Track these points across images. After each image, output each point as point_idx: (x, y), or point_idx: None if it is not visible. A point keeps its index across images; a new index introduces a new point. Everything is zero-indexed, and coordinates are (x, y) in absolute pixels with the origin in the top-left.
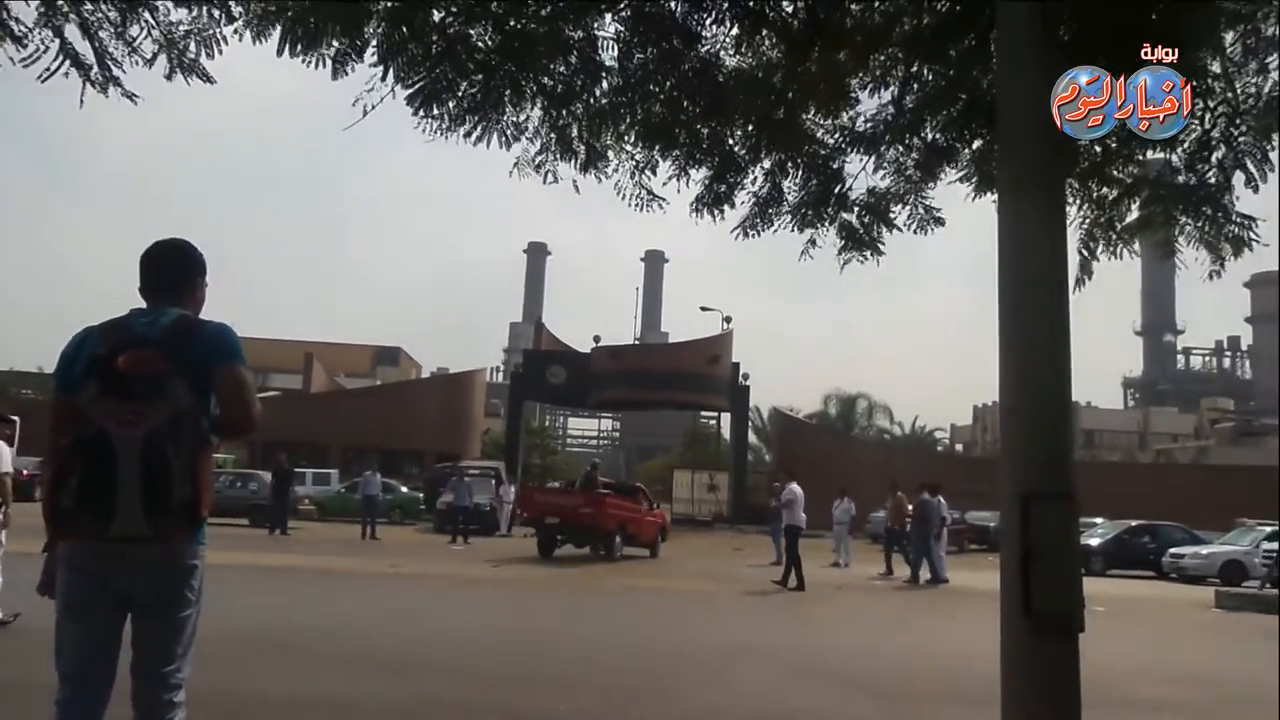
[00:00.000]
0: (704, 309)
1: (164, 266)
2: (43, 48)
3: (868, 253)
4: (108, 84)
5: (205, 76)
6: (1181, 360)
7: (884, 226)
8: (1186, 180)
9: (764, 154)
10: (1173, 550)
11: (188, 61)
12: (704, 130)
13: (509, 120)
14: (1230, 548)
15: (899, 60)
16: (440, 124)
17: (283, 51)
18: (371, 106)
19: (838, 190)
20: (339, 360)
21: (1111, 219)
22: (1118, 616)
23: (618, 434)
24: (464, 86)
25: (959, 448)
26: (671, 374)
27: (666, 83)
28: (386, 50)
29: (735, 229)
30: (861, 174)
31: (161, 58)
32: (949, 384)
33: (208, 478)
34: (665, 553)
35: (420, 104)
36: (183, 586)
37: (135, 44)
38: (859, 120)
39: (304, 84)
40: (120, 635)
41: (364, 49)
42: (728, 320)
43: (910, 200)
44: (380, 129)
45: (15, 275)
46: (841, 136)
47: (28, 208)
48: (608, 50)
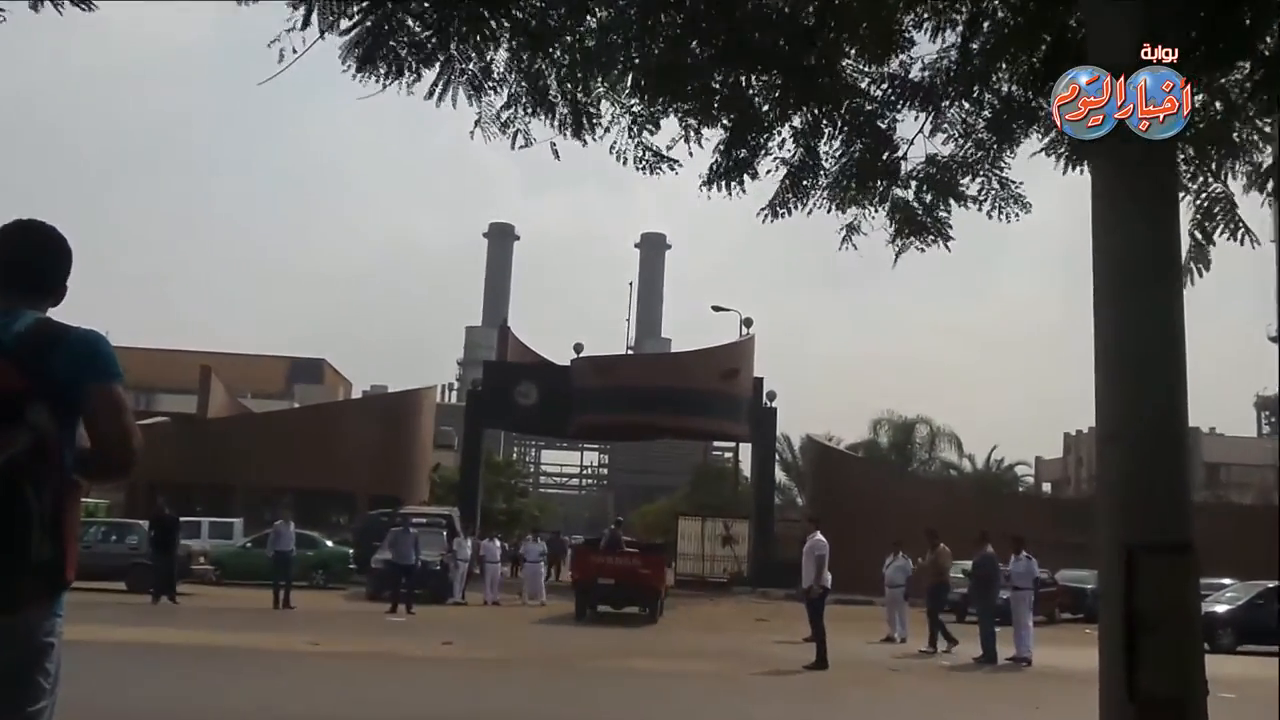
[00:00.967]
0: (717, 309)
1: (23, 257)
2: None
3: (929, 238)
4: None
5: (83, 1)
6: None
7: (948, 204)
8: None
9: (793, 110)
10: None
11: None
12: (719, 79)
13: (469, 69)
14: None
15: None
16: (380, 74)
17: None
18: (294, 51)
19: (888, 157)
20: (245, 376)
21: (1232, 194)
22: (1251, 706)
23: (605, 470)
24: (410, 25)
25: (1046, 487)
26: (675, 393)
27: (672, 19)
28: None
29: (763, 210)
30: (918, 137)
31: None
32: (1033, 406)
33: (75, 529)
34: (668, 622)
35: (359, 60)
36: (35, 672)
37: None
38: (913, 67)
39: (199, 22)
40: None
41: None
42: (748, 323)
43: (981, 171)
44: (299, 79)
45: None
46: (891, 88)
47: None
48: None
